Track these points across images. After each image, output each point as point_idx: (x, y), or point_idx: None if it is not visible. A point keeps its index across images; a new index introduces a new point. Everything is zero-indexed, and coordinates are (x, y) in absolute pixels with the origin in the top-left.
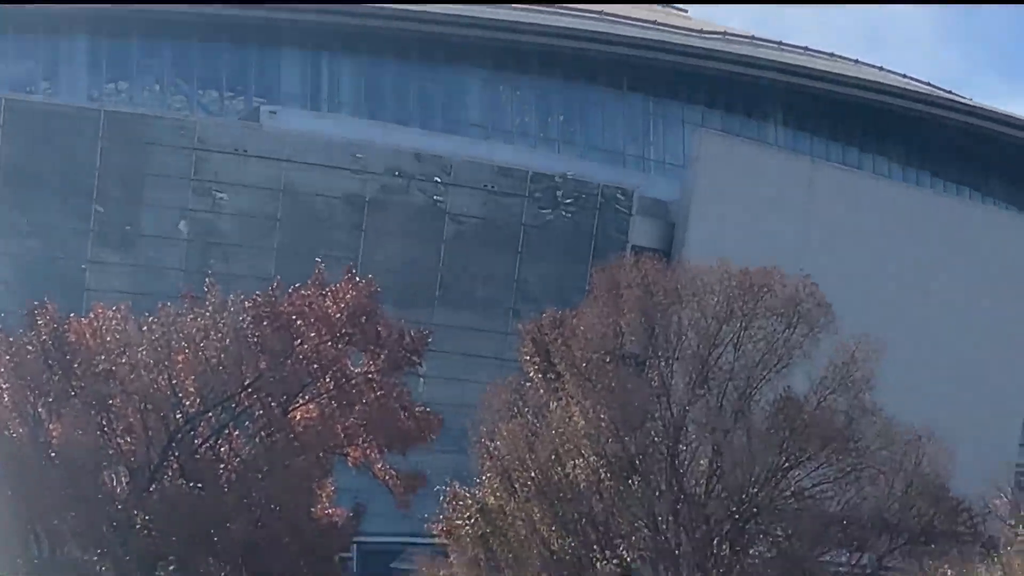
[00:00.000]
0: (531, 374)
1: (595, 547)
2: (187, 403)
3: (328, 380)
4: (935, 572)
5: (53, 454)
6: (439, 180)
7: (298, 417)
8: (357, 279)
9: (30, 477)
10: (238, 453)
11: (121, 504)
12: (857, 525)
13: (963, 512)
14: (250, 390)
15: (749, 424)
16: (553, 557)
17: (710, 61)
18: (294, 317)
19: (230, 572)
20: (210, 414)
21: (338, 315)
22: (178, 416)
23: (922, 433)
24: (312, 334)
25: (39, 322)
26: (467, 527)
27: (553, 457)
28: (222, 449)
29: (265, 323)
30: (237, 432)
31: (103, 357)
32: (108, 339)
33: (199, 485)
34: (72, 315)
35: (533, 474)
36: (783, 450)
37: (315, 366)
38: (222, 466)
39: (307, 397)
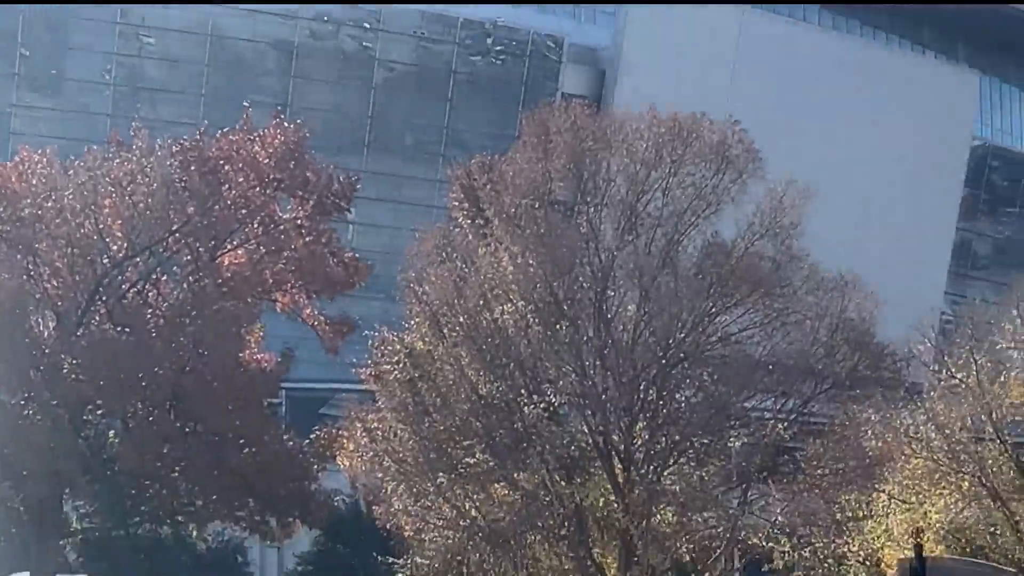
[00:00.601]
0: (460, 220)
1: (523, 391)
2: (114, 248)
3: (256, 226)
4: (859, 417)
5: None
6: (368, 26)
7: (226, 262)
8: (286, 124)
9: None
10: (166, 298)
11: (48, 348)
12: (782, 370)
13: (887, 357)
14: (178, 235)
15: (677, 270)
16: (481, 401)
17: None
18: (222, 162)
19: (158, 417)
20: (138, 259)
21: (266, 160)
22: (105, 261)
23: (848, 279)
24: (240, 179)
25: None
26: (395, 372)
27: (482, 302)
28: (150, 294)
29: (192, 168)
30: (165, 277)
31: (29, 201)
32: (34, 183)
33: (127, 330)
34: None
35: (462, 319)
36: (710, 295)
37: (243, 211)
38: (150, 311)
39: (235, 242)
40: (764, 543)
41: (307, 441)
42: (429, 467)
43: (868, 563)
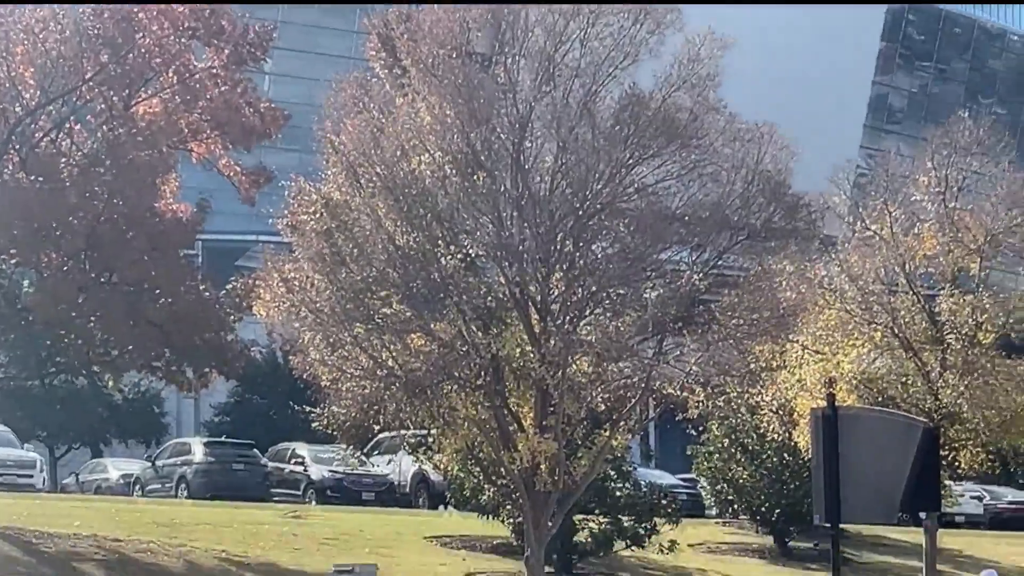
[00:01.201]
0: (377, 70)
1: (440, 242)
2: (27, 96)
3: (171, 74)
4: (774, 268)
5: None
6: None
7: (141, 112)
8: None
9: None
10: (80, 147)
11: None
12: (698, 221)
13: (803, 209)
14: (91, 83)
15: (594, 121)
16: (398, 251)
17: None
18: (135, 10)
19: (73, 266)
20: (51, 107)
21: (181, 8)
22: (18, 109)
23: (764, 131)
24: (155, 27)
25: None
26: (312, 222)
27: (399, 153)
28: (63, 143)
29: (106, 15)
30: (79, 126)
31: None
32: None
33: (40, 179)
34: None
35: (379, 170)
36: (627, 147)
37: (158, 60)
38: (64, 160)
39: (150, 91)
40: (679, 393)
41: (223, 292)
42: (346, 317)
43: (781, 412)
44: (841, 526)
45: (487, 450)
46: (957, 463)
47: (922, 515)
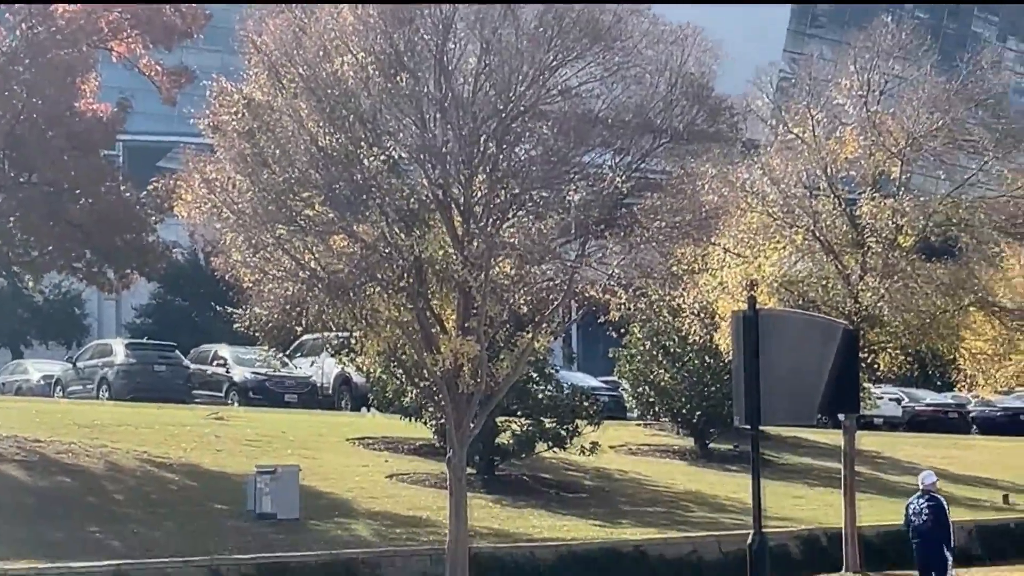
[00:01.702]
0: None
1: (363, 143)
2: None
3: None
4: (696, 171)
5: None
6: None
7: (60, 10)
8: None
9: None
10: None
11: None
12: (621, 124)
13: (725, 112)
14: None
15: (518, 22)
16: (321, 152)
17: None
18: None
19: None
20: None
21: None
22: None
23: (688, 33)
24: None
25: None
26: (233, 122)
27: (321, 53)
28: None
29: None
30: None
31: None
32: None
33: None
34: None
35: (301, 70)
36: (551, 48)
37: None
38: None
39: None
40: (601, 295)
41: (144, 192)
42: (268, 218)
43: (703, 315)
44: (761, 428)
45: (410, 352)
46: (876, 366)
47: (841, 417)
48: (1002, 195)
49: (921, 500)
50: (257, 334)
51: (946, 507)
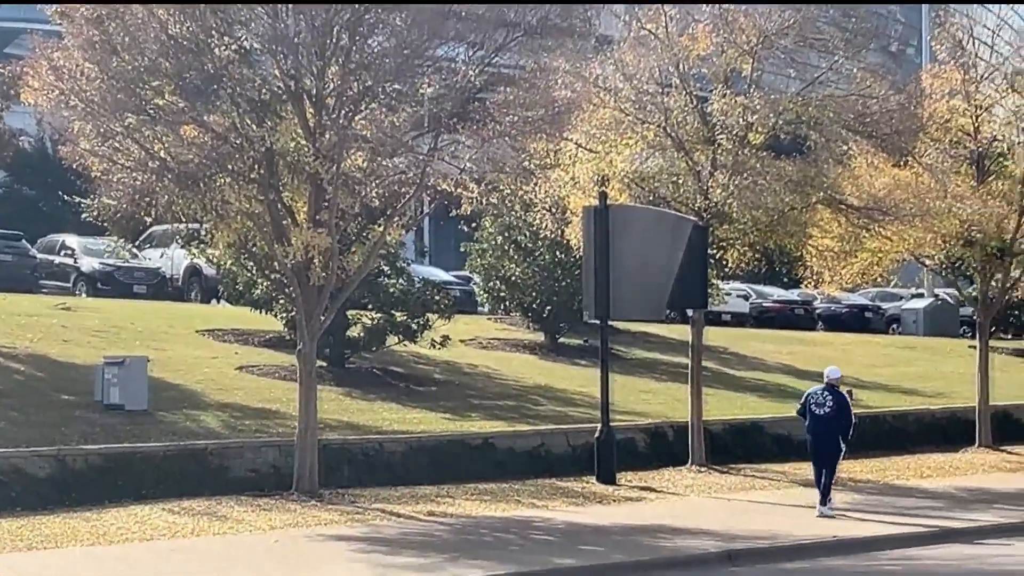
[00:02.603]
0: None
1: (214, 32)
2: None
3: None
4: (549, 66)
5: None
6: None
7: None
8: None
9: None
10: None
11: None
12: (474, 18)
13: (578, 6)
14: None
15: None
16: (171, 41)
17: None
18: None
19: None
20: None
21: None
22: None
23: None
24: None
25: None
26: (82, 8)
27: None
28: None
29: None
30: None
31: None
32: None
33: None
34: None
35: None
36: None
37: None
38: None
39: None
40: (453, 189)
41: None
42: (117, 107)
43: (554, 210)
44: (610, 322)
45: (260, 244)
46: (725, 262)
47: (689, 312)
48: (851, 94)
49: (825, 392)
50: (106, 224)
51: (849, 401)
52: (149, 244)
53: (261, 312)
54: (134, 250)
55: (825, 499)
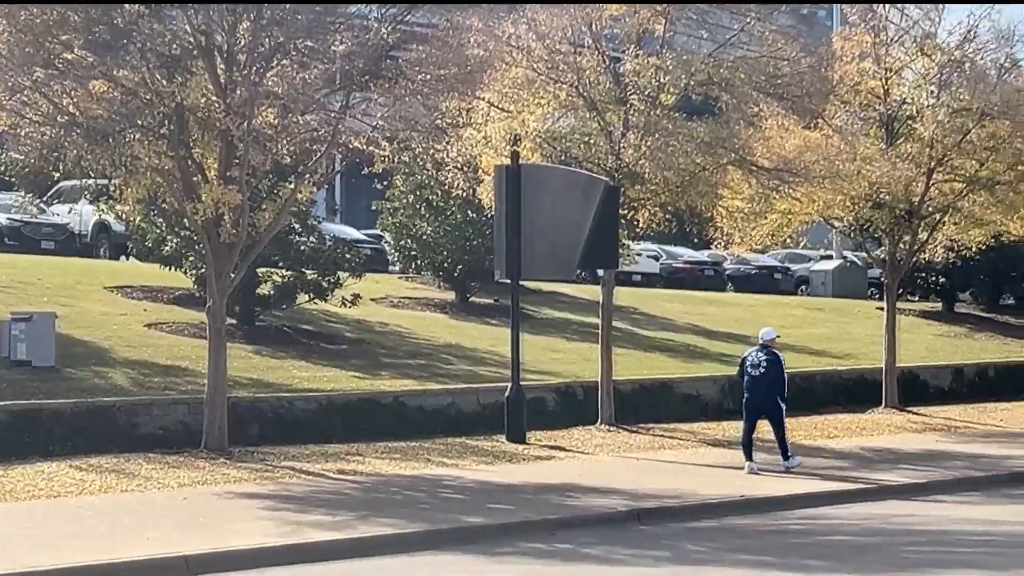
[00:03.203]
0: None
1: None
2: None
3: None
4: (463, 24)
5: None
6: None
7: None
8: None
9: None
10: None
11: None
12: None
13: None
14: None
15: None
16: None
17: None
18: None
19: None
20: None
21: None
22: None
23: None
24: None
25: None
26: None
27: None
28: None
29: None
30: None
31: None
32: None
33: None
34: None
35: None
36: None
37: None
38: None
39: None
40: (365, 146)
41: None
42: (25, 60)
43: (466, 169)
44: (521, 281)
45: (170, 200)
46: (636, 222)
47: (600, 272)
48: (762, 56)
49: (760, 353)
50: (13, 179)
51: (783, 361)
52: (57, 199)
53: (170, 269)
54: (42, 205)
55: (785, 454)
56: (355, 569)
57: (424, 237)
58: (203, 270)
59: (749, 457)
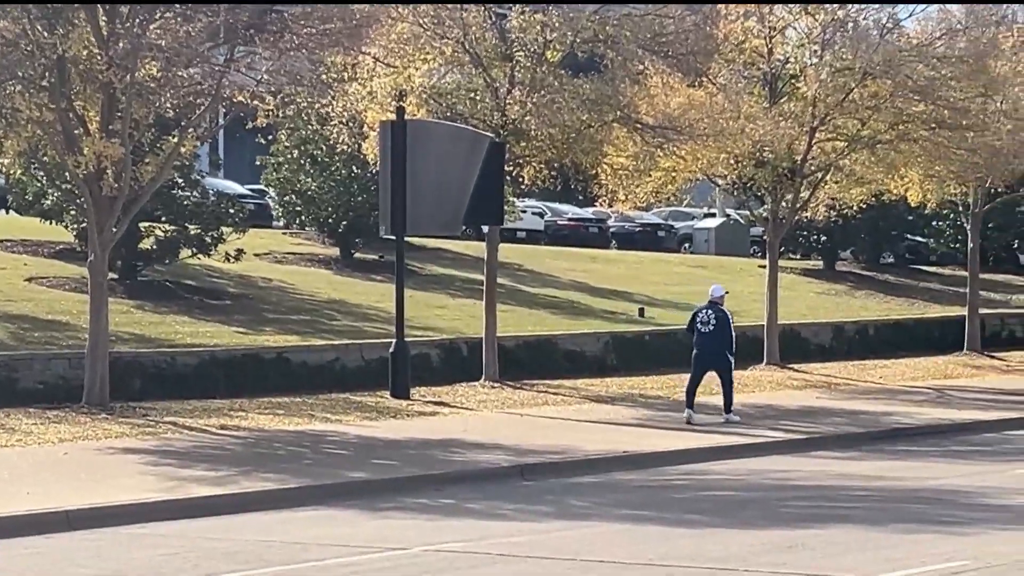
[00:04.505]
0: None
1: None
2: None
3: None
4: None
5: None
6: None
7: None
8: None
9: None
10: None
11: None
12: None
13: None
14: None
15: None
16: None
17: None
18: None
19: None
20: None
21: None
22: None
23: None
24: None
25: None
26: None
27: None
28: None
29: None
30: None
31: None
32: None
33: None
34: None
35: None
36: None
37: None
38: None
39: None
40: (249, 100)
41: None
42: None
43: (351, 124)
44: (406, 237)
45: (51, 153)
46: (521, 179)
47: (485, 228)
48: (648, 13)
49: (709, 311)
50: None
51: (731, 318)
52: None
53: (51, 223)
54: None
55: (728, 407)
56: (237, 524)
57: (308, 193)
58: (84, 224)
59: (690, 405)
